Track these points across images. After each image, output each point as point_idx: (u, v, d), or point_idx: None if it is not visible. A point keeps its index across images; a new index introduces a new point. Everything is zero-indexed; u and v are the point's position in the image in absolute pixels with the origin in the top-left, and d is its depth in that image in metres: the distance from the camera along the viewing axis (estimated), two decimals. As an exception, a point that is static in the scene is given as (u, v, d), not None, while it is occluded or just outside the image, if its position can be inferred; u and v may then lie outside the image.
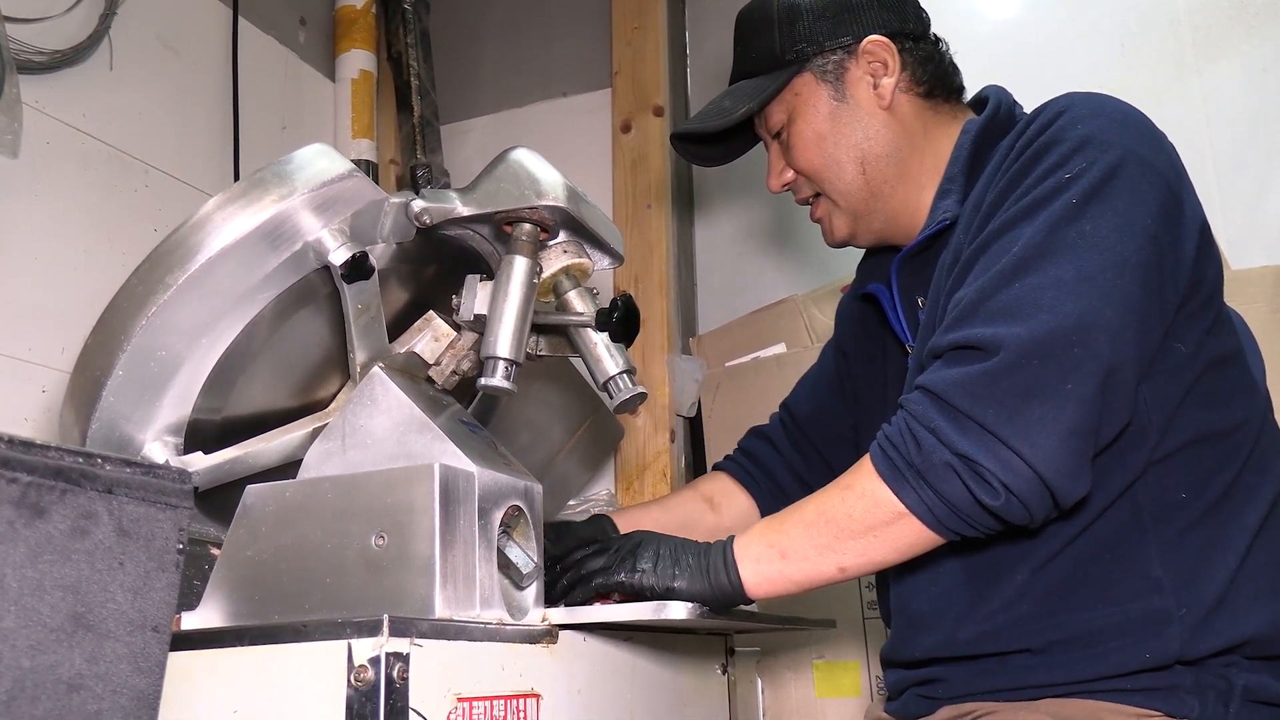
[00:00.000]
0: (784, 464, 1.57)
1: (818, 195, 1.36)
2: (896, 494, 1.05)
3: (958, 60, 1.36)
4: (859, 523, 1.07)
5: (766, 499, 1.56)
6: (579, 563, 1.15)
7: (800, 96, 1.32)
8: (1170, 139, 1.16)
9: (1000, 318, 1.03)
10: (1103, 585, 1.09)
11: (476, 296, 1.13)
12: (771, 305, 2.15)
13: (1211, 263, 1.15)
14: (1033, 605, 1.12)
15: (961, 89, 1.36)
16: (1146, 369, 1.07)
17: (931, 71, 1.32)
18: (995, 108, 1.29)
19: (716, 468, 1.64)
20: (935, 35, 1.36)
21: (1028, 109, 1.31)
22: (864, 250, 1.47)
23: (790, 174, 1.37)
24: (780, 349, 2.09)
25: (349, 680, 0.82)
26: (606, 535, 1.37)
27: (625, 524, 1.41)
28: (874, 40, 1.29)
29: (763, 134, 1.40)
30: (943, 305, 1.16)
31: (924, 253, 1.28)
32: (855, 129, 1.30)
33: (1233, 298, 1.23)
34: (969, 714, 1.14)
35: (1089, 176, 1.07)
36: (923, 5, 1.36)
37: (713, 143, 1.44)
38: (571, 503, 2.14)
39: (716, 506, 1.56)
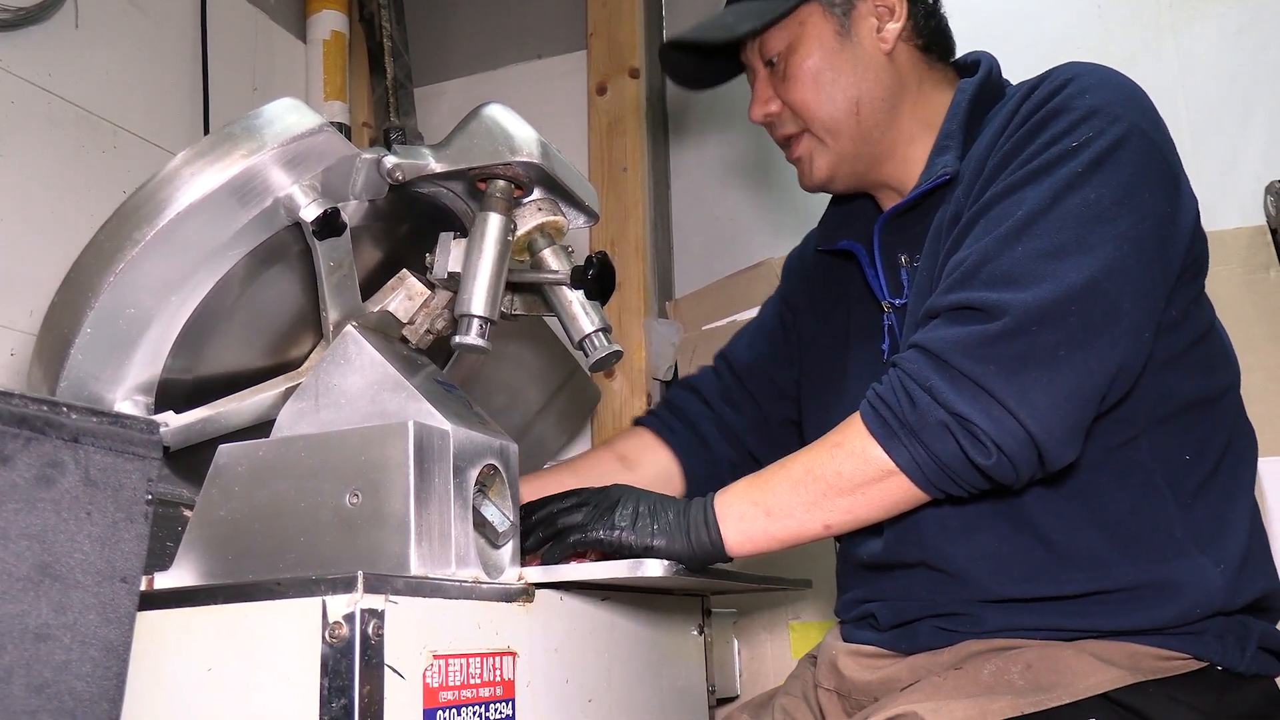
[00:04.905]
0: (710, 416, 1.54)
1: (800, 133, 1.33)
2: (887, 451, 1.06)
3: (938, 17, 1.35)
4: (848, 480, 1.08)
5: (688, 452, 1.53)
6: (555, 517, 1.14)
7: (805, 26, 1.29)
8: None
9: (1002, 282, 1.04)
10: (1141, 544, 1.10)
11: (450, 254, 1.12)
12: (748, 268, 2.15)
13: (1201, 243, 1.17)
14: (1069, 561, 1.11)
15: (954, 54, 1.36)
16: (1149, 337, 1.08)
17: (933, 27, 1.32)
18: (988, 72, 1.29)
19: (636, 422, 1.59)
20: None
21: (1005, 67, 1.32)
22: (827, 204, 1.46)
23: (776, 105, 1.33)
24: (756, 312, 2.08)
25: (324, 637, 0.82)
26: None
27: (531, 490, 1.32)
28: None
29: (753, 60, 1.36)
30: (940, 265, 1.16)
31: (912, 210, 1.27)
32: (854, 68, 1.28)
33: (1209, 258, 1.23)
34: (998, 648, 1.13)
35: (1096, 146, 1.08)
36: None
37: (699, 62, 1.42)
38: (548, 466, 2.13)
39: (632, 464, 1.51)
